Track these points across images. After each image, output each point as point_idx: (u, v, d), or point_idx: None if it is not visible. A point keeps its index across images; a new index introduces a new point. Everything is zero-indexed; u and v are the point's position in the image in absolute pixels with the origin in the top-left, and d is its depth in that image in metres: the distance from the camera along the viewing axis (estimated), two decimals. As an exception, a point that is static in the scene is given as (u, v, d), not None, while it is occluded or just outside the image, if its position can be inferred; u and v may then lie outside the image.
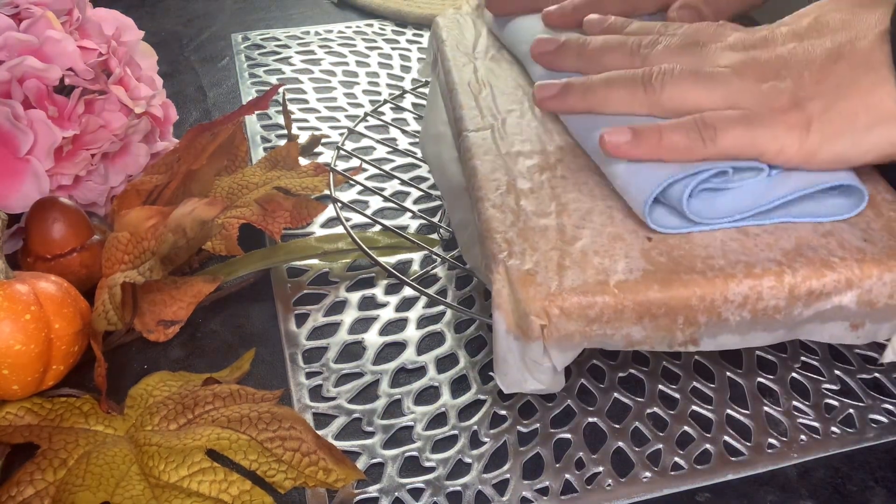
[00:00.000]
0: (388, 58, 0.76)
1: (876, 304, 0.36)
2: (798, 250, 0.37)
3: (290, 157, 0.56)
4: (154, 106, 0.54)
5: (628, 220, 0.38)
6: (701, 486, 0.39)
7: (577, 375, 0.44)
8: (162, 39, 0.80)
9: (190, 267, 0.50)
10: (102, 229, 0.50)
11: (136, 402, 0.42)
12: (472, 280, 0.50)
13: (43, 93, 0.49)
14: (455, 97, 0.48)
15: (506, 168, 0.42)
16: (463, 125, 0.45)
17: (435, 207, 0.56)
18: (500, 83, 0.49)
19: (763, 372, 0.45)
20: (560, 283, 0.35)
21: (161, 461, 0.37)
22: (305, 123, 0.66)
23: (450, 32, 0.55)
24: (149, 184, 0.51)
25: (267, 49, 0.78)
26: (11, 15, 0.51)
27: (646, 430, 0.41)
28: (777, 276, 0.36)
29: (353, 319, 0.48)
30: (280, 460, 0.37)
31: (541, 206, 0.39)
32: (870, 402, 0.43)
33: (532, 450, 0.40)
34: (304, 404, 0.43)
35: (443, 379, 0.44)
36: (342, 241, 0.52)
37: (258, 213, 0.51)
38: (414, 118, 0.66)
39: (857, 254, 0.36)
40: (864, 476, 0.40)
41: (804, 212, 0.38)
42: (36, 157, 0.49)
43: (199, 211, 0.44)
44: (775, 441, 0.41)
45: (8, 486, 0.37)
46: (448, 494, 0.39)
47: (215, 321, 0.49)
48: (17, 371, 0.40)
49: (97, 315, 0.43)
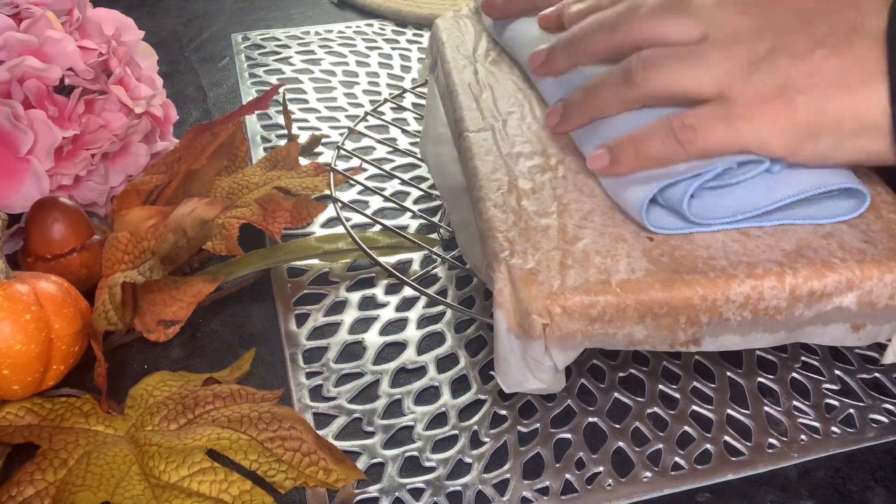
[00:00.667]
0: (389, 58, 0.76)
1: (877, 305, 0.36)
2: (799, 251, 0.37)
3: (290, 157, 0.56)
4: (154, 106, 0.54)
5: (629, 221, 0.38)
6: (701, 486, 0.39)
7: (578, 375, 0.44)
8: (162, 39, 0.80)
9: (190, 267, 0.50)
10: (102, 229, 0.50)
11: (136, 402, 0.41)
12: (473, 280, 0.50)
13: (43, 93, 0.49)
14: (455, 98, 0.48)
15: (507, 168, 0.42)
16: (463, 126, 0.45)
17: (435, 207, 0.56)
18: (501, 85, 0.49)
19: (763, 372, 0.45)
20: (562, 282, 0.35)
21: (161, 461, 0.37)
22: (305, 123, 0.66)
23: (450, 35, 0.55)
24: (149, 184, 0.51)
25: (267, 49, 0.78)
26: (11, 15, 0.51)
27: (646, 430, 0.41)
28: (778, 277, 0.36)
29: (354, 319, 0.48)
30: (280, 460, 0.37)
31: (542, 206, 0.39)
32: (870, 402, 0.43)
33: (532, 450, 0.40)
34: (304, 404, 0.43)
35: (443, 379, 0.44)
36: (342, 240, 0.52)
37: (258, 213, 0.51)
38: (414, 118, 0.66)
39: (858, 255, 0.36)
40: (865, 476, 0.40)
41: (805, 214, 0.38)
42: (36, 157, 0.49)
43: (199, 211, 0.44)
44: (775, 441, 0.41)
45: (8, 486, 0.36)
46: (448, 494, 0.39)
47: (215, 321, 0.49)
48: (18, 371, 0.40)
49: (97, 315, 0.43)
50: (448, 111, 0.49)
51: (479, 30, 0.56)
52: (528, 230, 0.38)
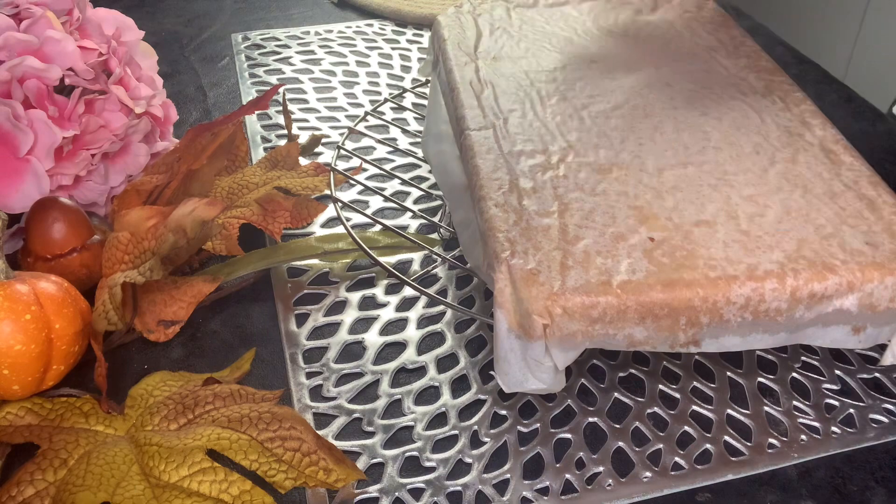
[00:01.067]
0: (389, 58, 0.76)
1: (877, 308, 0.36)
2: (800, 252, 0.37)
3: (290, 157, 0.56)
4: (154, 106, 0.54)
5: (630, 220, 0.38)
6: (701, 486, 0.39)
7: (578, 375, 0.44)
8: (162, 39, 0.80)
9: (190, 267, 0.50)
10: (103, 229, 0.50)
11: (136, 402, 0.41)
12: (473, 280, 0.50)
13: (43, 93, 0.49)
14: (457, 96, 0.48)
15: (508, 167, 0.42)
16: (465, 124, 0.45)
17: (435, 207, 0.56)
18: (503, 83, 0.49)
19: (763, 372, 0.45)
20: (563, 282, 0.35)
21: (161, 461, 0.37)
22: (306, 123, 0.66)
23: (451, 31, 0.55)
24: (149, 184, 0.50)
25: (267, 49, 0.78)
26: (11, 15, 0.51)
27: (646, 430, 0.41)
28: (779, 278, 0.36)
29: (354, 319, 0.48)
30: (280, 460, 0.37)
31: (543, 205, 0.39)
32: (870, 402, 0.43)
33: (532, 450, 0.40)
34: (304, 404, 0.43)
35: (443, 379, 0.44)
36: (342, 240, 0.52)
37: (258, 213, 0.51)
38: (414, 118, 0.66)
39: (859, 256, 0.36)
40: (865, 476, 0.40)
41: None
42: (36, 157, 0.48)
43: (199, 211, 0.44)
44: (776, 441, 0.41)
45: (8, 486, 0.36)
46: (448, 494, 0.38)
47: (215, 321, 0.49)
48: (18, 371, 0.40)
49: (97, 315, 0.43)
50: (450, 109, 0.49)
51: (482, 26, 0.56)
52: (529, 230, 0.38)
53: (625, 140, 0.44)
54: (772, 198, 0.40)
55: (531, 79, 0.49)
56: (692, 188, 0.41)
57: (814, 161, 0.43)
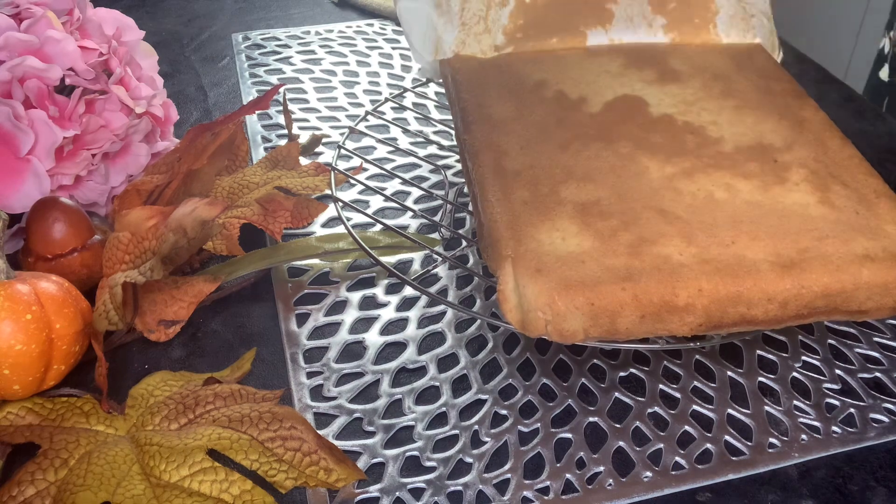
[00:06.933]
0: (389, 57, 0.76)
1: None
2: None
3: (290, 157, 0.56)
4: (155, 106, 0.54)
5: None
6: (702, 486, 0.39)
7: (578, 375, 0.44)
8: (162, 39, 0.80)
9: (191, 267, 0.50)
10: (103, 229, 0.50)
11: (137, 402, 0.41)
12: (473, 279, 0.50)
13: (44, 93, 0.49)
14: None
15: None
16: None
17: (436, 207, 0.56)
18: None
19: (764, 371, 0.45)
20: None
21: (162, 461, 0.37)
22: (306, 123, 0.66)
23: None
24: (149, 184, 0.51)
25: (267, 49, 0.78)
26: (12, 15, 0.51)
27: (647, 430, 0.41)
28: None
29: (354, 319, 0.48)
30: (281, 460, 0.37)
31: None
32: (871, 402, 0.43)
33: (533, 449, 0.40)
34: (304, 404, 0.43)
35: (443, 378, 0.44)
36: (343, 240, 0.52)
37: (259, 213, 0.51)
38: (415, 117, 0.66)
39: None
40: (865, 476, 0.40)
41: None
42: (37, 157, 0.49)
43: (199, 211, 0.44)
44: (776, 441, 0.41)
45: (9, 486, 0.36)
46: (449, 494, 0.38)
47: (216, 321, 0.49)
48: (18, 371, 0.40)
49: (98, 315, 0.43)
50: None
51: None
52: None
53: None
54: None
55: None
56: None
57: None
